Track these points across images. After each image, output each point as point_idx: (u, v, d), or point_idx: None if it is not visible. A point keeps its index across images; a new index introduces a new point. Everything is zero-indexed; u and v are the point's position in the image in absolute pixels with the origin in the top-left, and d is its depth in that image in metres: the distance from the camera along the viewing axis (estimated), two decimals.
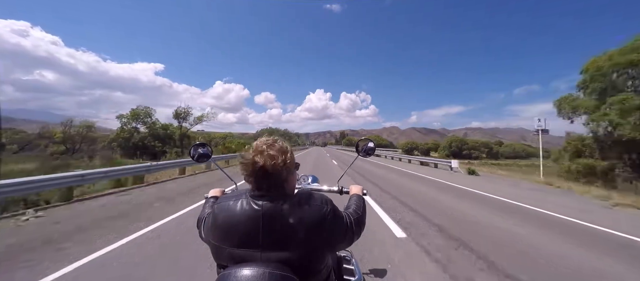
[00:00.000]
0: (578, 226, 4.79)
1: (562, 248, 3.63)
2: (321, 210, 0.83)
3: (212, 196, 1.21)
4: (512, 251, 3.47)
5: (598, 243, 3.91)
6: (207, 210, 1.02)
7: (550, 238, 4.04)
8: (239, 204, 0.82)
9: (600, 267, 3.09)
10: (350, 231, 0.92)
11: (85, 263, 2.95)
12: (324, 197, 0.88)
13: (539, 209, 5.97)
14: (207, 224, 0.90)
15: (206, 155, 1.45)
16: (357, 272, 1.34)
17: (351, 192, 1.27)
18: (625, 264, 3.19)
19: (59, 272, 2.74)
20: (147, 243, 3.55)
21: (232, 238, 0.79)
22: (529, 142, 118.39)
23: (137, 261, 3.01)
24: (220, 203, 0.87)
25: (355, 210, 1.05)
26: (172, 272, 2.74)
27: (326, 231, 0.82)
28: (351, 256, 1.43)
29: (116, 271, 2.78)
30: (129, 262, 2.98)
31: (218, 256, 0.83)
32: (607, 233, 4.38)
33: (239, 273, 0.69)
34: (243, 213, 0.80)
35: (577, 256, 3.38)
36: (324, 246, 0.83)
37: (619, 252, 3.56)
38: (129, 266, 2.87)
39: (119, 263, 2.95)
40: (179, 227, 4.24)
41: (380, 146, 78.42)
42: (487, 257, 3.21)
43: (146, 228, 4.13)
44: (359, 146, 1.52)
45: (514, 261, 3.12)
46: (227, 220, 0.81)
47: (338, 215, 0.89)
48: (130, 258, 3.08)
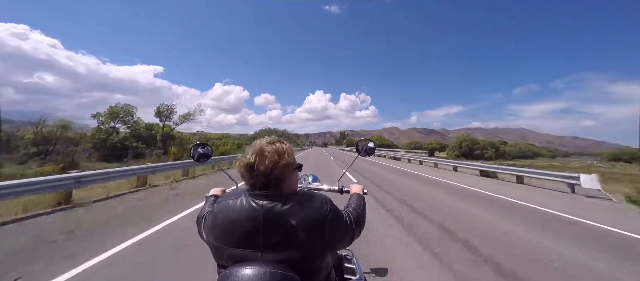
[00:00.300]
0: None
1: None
2: (321, 210, 0.83)
3: (212, 194, 1.21)
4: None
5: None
6: (208, 208, 1.01)
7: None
8: (238, 203, 0.82)
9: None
10: (350, 230, 0.92)
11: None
12: (323, 197, 0.88)
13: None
14: (207, 223, 0.88)
15: (206, 155, 1.45)
16: (358, 271, 1.34)
17: (352, 191, 1.27)
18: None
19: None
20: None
21: (231, 238, 0.79)
22: (531, 141, 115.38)
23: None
24: (220, 202, 0.87)
25: (355, 208, 1.05)
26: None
27: (326, 231, 0.82)
28: (352, 255, 1.45)
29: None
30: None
31: (218, 256, 0.82)
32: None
33: (240, 273, 0.70)
34: (243, 212, 0.80)
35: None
36: (324, 246, 0.83)
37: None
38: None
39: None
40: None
41: (383, 146, 74.68)
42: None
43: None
44: (359, 146, 1.50)
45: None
46: (226, 220, 0.81)
47: (338, 215, 0.89)
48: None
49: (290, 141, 10.32)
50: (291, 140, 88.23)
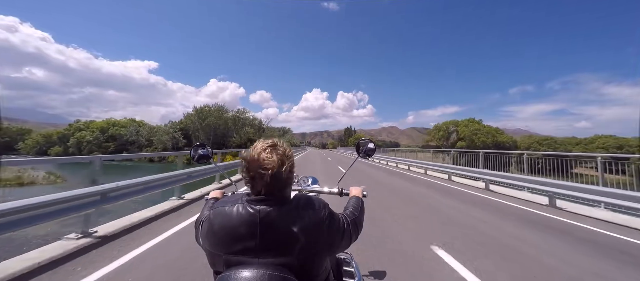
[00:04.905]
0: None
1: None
2: (319, 215, 0.83)
3: (212, 197, 1.18)
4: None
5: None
6: (206, 212, 0.94)
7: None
8: (235, 210, 0.80)
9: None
10: (347, 234, 0.91)
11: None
12: (321, 201, 0.88)
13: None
14: (203, 229, 0.86)
15: (206, 156, 1.48)
16: (357, 274, 1.34)
17: (351, 193, 1.28)
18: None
19: None
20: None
21: (227, 245, 0.78)
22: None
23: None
24: (216, 208, 0.85)
25: (353, 211, 1.05)
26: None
27: (324, 235, 0.82)
28: (351, 258, 1.45)
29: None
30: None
31: (213, 262, 0.82)
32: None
33: (238, 275, 0.70)
34: (239, 218, 0.78)
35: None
36: (322, 250, 0.82)
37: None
38: None
39: None
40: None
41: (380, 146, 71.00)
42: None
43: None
44: (360, 146, 1.48)
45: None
46: (222, 227, 0.80)
47: (335, 218, 0.88)
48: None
49: (288, 141, 9.64)
50: (290, 141, 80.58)
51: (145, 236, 3.76)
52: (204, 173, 6.98)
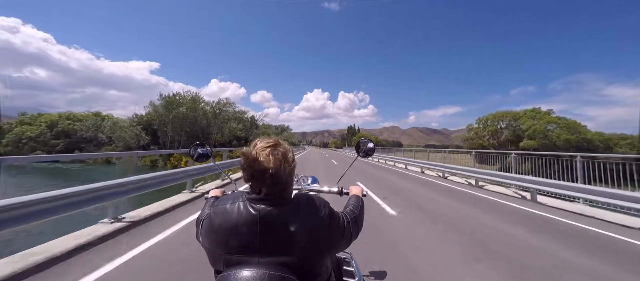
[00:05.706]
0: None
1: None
2: (319, 214, 0.82)
3: (212, 196, 1.18)
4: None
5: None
6: (206, 210, 0.96)
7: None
8: (235, 208, 0.80)
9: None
10: (347, 233, 0.91)
11: None
12: (321, 200, 0.87)
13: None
14: (204, 227, 0.85)
15: (205, 155, 1.50)
16: (357, 274, 1.34)
17: (351, 192, 1.27)
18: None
19: None
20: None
21: (228, 244, 0.77)
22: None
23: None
24: (217, 206, 0.85)
25: (353, 210, 1.05)
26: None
27: (325, 234, 0.82)
28: (351, 257, 1.45)
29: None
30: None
31: (214, 261, 0.81)
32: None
33: (238, 275, 0.69)
34: (240, 217, 0.78)
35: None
36: (323, 250, 0.82)
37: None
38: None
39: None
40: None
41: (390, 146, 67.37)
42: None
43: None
44: (360, 146, 1.51)
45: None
46: (223, 225, 0.79)
47: (335, 217, 0.88)
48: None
49: (288, 141, 8.99)
50: (288, 140, 66.49)
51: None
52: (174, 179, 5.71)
